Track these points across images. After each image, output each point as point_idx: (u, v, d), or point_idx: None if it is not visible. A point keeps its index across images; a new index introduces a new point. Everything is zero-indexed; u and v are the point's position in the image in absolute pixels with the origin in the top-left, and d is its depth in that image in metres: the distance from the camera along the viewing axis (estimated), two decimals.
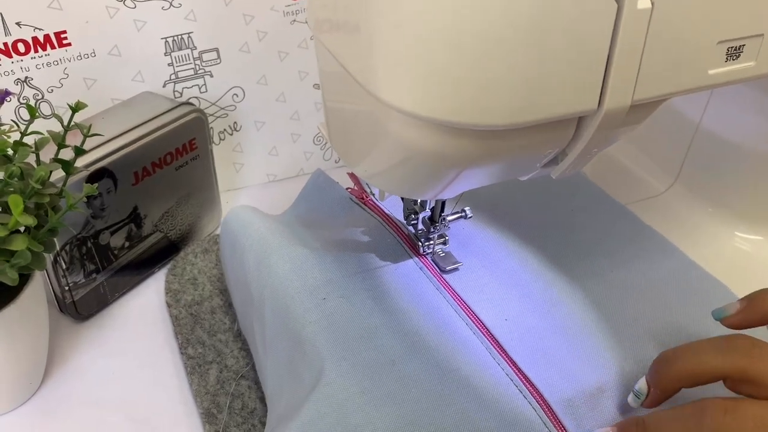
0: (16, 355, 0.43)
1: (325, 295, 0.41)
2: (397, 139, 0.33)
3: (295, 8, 0.60)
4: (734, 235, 0.55)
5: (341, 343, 0.39)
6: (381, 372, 0.38)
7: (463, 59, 0.27)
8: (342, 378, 0.37)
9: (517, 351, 0.39)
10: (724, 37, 0.31)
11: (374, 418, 0.35)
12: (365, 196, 0.51)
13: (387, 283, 0.44)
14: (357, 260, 0.45)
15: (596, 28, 0.27)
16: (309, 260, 0.44)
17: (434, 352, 0.39)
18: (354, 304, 0.41)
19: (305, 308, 0.41)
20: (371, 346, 0.39)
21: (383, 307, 0.42)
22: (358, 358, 0.38)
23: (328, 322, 0.40)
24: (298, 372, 0.40)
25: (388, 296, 0.43)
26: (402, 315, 0.41)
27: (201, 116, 0.55)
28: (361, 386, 0.37)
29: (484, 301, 0.43)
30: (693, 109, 0.53)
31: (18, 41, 0.52)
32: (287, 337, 0.41)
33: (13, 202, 0.35)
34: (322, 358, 0.38)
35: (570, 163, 0.33)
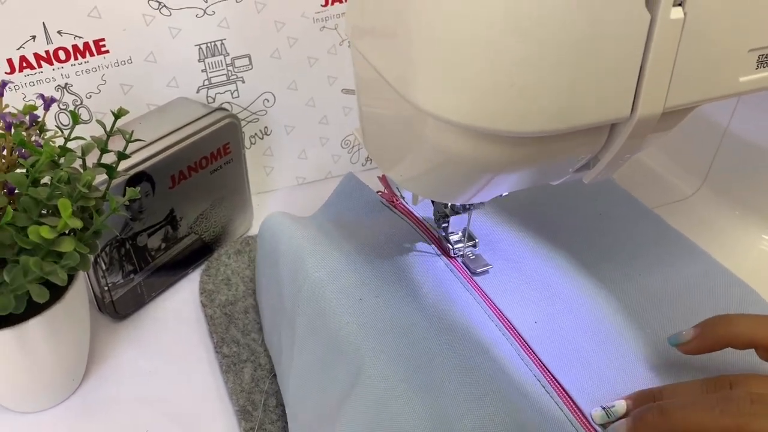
0: (61, 353, 0.45)
1: (360, 296, 0.42)
2: (432, 144, 0.34)
3: (324, 15, 0.61)
4: (761, 238, 0.55)
5: (379, 338, 0.40)
6: (419, 366, 0.38)
7: (500, 68, 0.28)
8: (382, 369, 0.38)
9: (546, 353, 0.40)
10: (754, 45, 0.31)
11: (415, 405, 0.36)
12: (395, 200, 0.52)
13: (419, 284, 0.45)
14: (390, 263, 0.46)
15: (630, 38, 0.28)
16: (343, 264, 0.45)
17: (467, 350, 0.40)
18: (389, 304, 0.42)
19: (341, 309, 0.42)
20: (408, 342, 0.40)
21: (417, 306, 0.43)
22: (396, 352, 0.39)
23: (365, 321, 0.41)
24: (332, 373, 0.41)
25: (421, 296, 0.44)
26: (435, 314, 0.42)
27: (235, 121, 0.56)
28: (401, 376, 0.38)
29: (513, 303, 0.43)
30: (721, 114, 0.53)
31: (59, 49, 0.54)
32: (322, 340, 0.42)
33: (63, 205, 0.36)
34: (361, 355, 0.39)
35: (602, 168, 0.34)
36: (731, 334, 0.36)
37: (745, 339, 0.36)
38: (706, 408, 0.33)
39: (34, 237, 0.36)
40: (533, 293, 0.44)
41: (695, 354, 0.38)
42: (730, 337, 0.36)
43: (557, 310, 0.43)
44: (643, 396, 0.37)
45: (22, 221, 0.38)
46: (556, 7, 0.27)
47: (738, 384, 0.34)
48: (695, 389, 0.35)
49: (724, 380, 0.35)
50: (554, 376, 0.39)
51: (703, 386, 0.35)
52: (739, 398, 0.32)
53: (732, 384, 0.34)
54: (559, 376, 0.39)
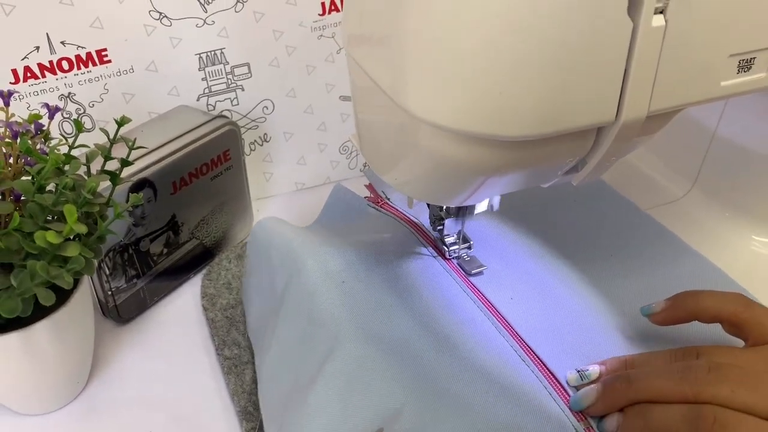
0: (66, 356, 0.46)
1: (344, 279, 0.45)
2: (425, 149, 0.35)
3: (322, 24, 0.63)
4: (751, 239, 0.56)
5: (359, 316, 0.42)
6: (396, 339, 0.41)
7: (489, 75, 0.29)
8: (357, 341, 0.41)
9: (525, 331, 0.42)
10: (735, 50, 0.33)
11: (390, 370, 0.39)
12: (380, 201, 0.53)
13: (409, 277, 0.46)
14: (384, 262, 0.47)
15: (614, 45, 0.29)
16: (335, 257, 0.47)
17: (446, 329, 0.42)
18: (373, 289, 0.44)
19: (327, 290, 0.44)
20: (386, 321, 0.42)
21: (400, 290, 0.45)
22: (374, 331, 0.41)
23: (347, 299, 0.43)
24: (312, 345, 0.43)
25: (407, 283, 0.46)
26: (418, 299, 0.44)
27: (234, 128, 0.57)
28: (376, 348, 0.40)
29: (507, 300, 0.45)
30: (709, 117, 0.54)
31: (62, 59, 0.55)
32: (304, 316, 0.44)
33: (68, 211, 0.38)
34: (339, 325, 0.41)
35: (590, 170, 0.35)
36: (698, 308, 0.39)
37: (710, 313, 0.39)
38: (668, 376, 0.35)
39: (40, 242, 0.37)
40: (527, 292, 0.45)
41: (664, 325, 0.40)
42: (698, 311, 0.39)
43: (549, 305, 0.44)
44: (616, 362, 0.39)
45: (29, 227, 0.39)
46: (542, 16, 0.28)
47: (703, 354, 0.37)
48: (664, 358, 0.38)
49: (692, 350, 0.37)
50: (531, 347, 0.41)
51: (671, 356, 0.38)
52: (699, 367, 0.35)
53: (698, 354, 0.37)
54: (536, 348, 0.41)
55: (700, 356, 0.37)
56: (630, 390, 0.36)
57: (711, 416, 0.33)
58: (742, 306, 0.38)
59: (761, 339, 0.37)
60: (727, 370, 0.34)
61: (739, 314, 0.38)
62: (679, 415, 0.33)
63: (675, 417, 0.34)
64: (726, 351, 0.37)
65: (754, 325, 0.37)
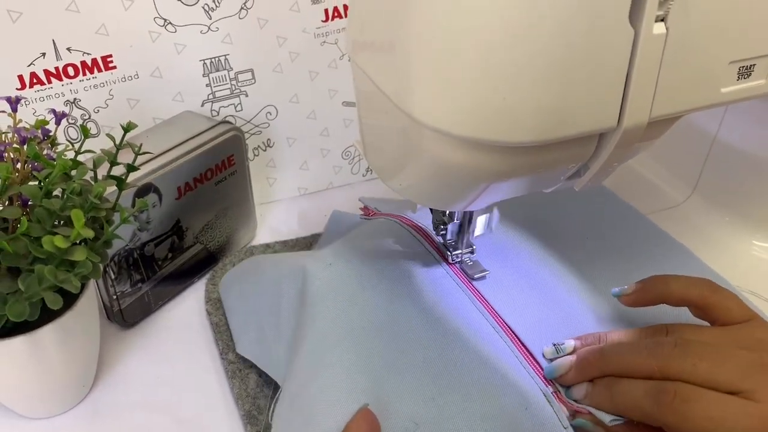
0: (72, 359, 0.46)
1: (332, 261, 0.47)
2: (429, 155, 0.35)
3: (325, 30, 0.63)
4: (752, 243, 0.56)
5: (361, 314, 0.44)
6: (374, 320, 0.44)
7: (492, 82, 0.30)
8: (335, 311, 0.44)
9: (535, 345, 0.43)
10: (735, 57, 0.33)
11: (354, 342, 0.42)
12: (371, 212, 0.54)
13: (412, 280, 0.47)
14: (389, 265, 0.48)
15: (615, 52, 0.30)
16: (339, 261, 0.47)
17: (449, 332, 0.43)
18: (377, 294, 0.45)
19: (334, 296, 0.46)
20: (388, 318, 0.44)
21: (402, 293, 0.46)
22: (376, 323, 0.43)
23: (349, 301, 0.45)
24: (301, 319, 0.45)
25: (410, 286, 0.47)
26: (420, 301, 0.45)
27: (239, 134, 0.58)
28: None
29: (508, 304, 0.45)
30: (709, 123, 0.55)
31: (68, 65, 0.56)
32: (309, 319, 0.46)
33: (76, 216, 0.38)
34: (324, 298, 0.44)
35: (592, 176, 0.36)
36: (666, 292, 0.41)
37: (677, 296, 0.40)
38: (637, 350, 0.37)
39: (48, 246, 0.38)
40: (530, 297, 0.46)
41: (634, 306, 0.42)
42: (666, 294, 0.41)
43: (550, 309, 0.45)
44: (590, 337, 0.41)
45: (36, 231, 0.39)
46: (544, 24, 0.28)
47: (672, 331, 0.39)
48: (635, 334, 0.40)
49: (662, 328, 0.39)
50: (527, 347, 0.43)
51: (643, 332, 0.40)
52: (666, 342, 0.37)
53: (668, 331, 0.39)
54: (531, 346, 0.43)
55: (669, 333, 0.39)
56: (601, 362, 0.38)
57: (672, 391, 0.34)
58: (709, 290, 0.40)
59: (727, 321, 0.39)
60: (692, 346, 0.36)
61: (706, 297, 0.40)
62: (643, 390, 0.35)
63: (638, 391, 0.36)
64: (693, 328, 0.39)
65: (721, 308, 0.39)
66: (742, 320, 0.39)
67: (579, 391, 0.39)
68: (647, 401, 0.35)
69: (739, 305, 0.39)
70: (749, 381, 0.34)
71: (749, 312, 0.39)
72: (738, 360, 0.35)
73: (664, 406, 0.34)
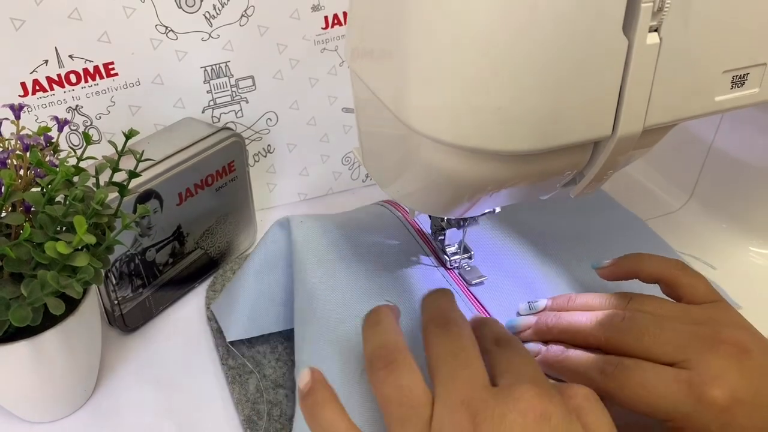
0: (74, 364, 0.47)
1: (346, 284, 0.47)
2: (426, 162, 0.36)
3: (324, 37, 0.64)
4: (748, 249, 0.57)
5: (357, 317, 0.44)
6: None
7: (488, 91, 0.30)
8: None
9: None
10: (728, 66, 0.34)
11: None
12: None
13: (409, 284, 0.47)
14: (388, 271, 0.48)
15: (609, 62, 0.30)
16: (342, 274, 0.47)
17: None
18: (373, 297, 0.46)
19: (331, 295, 0.46)
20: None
21: (400, 297, 0.47)
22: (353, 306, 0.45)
23: (346, 304, 0.46)
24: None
25: (407, 290, 0.47)
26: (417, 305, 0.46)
27: (239, 140, 0.58)
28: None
29: (505, 309, 0.46)
30: (706, 130, 0.55)
31: (70, 72, 0.56)
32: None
33: (78, 222, 0.38)
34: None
35: (587, 183, 0.36)
36: (639, 268, 0.43)
37: (648, 272, 0.43)
38: (588, 321, 0.40)
39: (50, 252, 0.38)
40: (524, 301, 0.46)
41: (608, 279, 0.45)
42: (638, 270, 0.43)
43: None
44: (561, 298, 0.44)
45: (39, 237, 0.40)
46: (539, 35, 0.29)
47: (634, 300, 0.41)
48: (600, 298, 0.42)
49: (626, 296, 0.41)
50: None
51: (607, 298, 0.42)
52: (615, 315, 0.39)
53: (631, 299, 0.41)
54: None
55: (630, 301, 0.40)
56: (556, 329, 0.41)
57: (615, 361, 0.37)
58: (679, 269, 0.42)
59: (692, 300, 0.41)
60: (638, 320, 0.38)
61: (675, 276, 0.42)
62: (592, 359, 0.38)
63: (588, 362, 0.38)
64: (654, 300, 0.41)
65: (688, 286, 0.41)
66: (706, 301, 0.41)
67: (533, 350, 0.41)
68: (593, 370, 0.37)
69: (706, 286, 0.41)
70: (684, 351, 0.36)
71: (715, 295, 0.41)
72: (679, 333, 0.37)
73: (607, 374, 0.37)
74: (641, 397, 0.35)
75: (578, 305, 0.43)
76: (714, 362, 0.35)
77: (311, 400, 0.35)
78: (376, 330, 0.37)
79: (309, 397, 0.35)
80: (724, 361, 0.35)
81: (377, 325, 0.38)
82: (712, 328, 0.37)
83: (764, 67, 0.35)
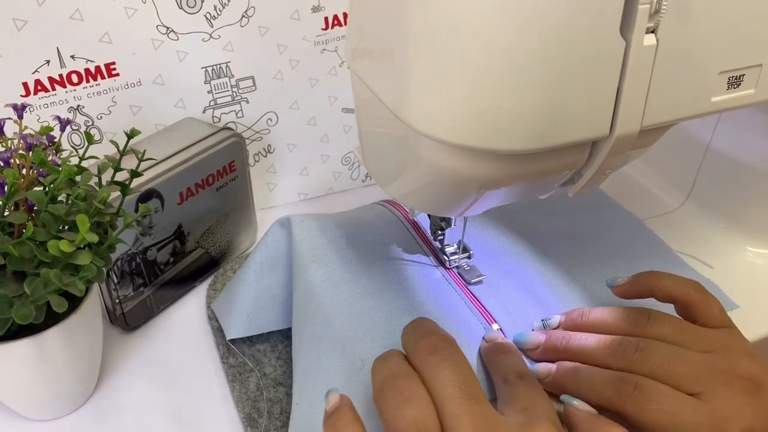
0: (76, 362, 0.47)
1: (345, 281, 0.47)
2: (427, 162, 0.36)
3: (325, 38, 0.64)
4: (746, 249, 0.57)
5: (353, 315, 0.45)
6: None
7: (487, 92, 0.31)
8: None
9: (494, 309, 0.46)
10: (724, 67, 0.34)
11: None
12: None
13: (408, 283, 0.47)
14: (387, 270, 0.48)
15: (607, 63, 0.31)
16: (341, 273, 0.48)
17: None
18: (373, 295, 0.46)
19: (329, 295, 0.46)
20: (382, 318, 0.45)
21: (398, 295, 0.47)
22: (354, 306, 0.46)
23: (345, 302, 0.46)
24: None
25: (406, 289, 0.47)
26: (417, 303, 0.46)
27: (240, 140, 0.58)
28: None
29: (504, 307, 0.46)
30: (703, 131, 0.56)
31: (72, 72, 0.57)
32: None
33: (81, 221, 0.39)
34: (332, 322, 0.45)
35: (585, 182, 0.37)
36: (655, 287, 0.43)
37: (664, 292, 0.42)
38: (600, 350, 0.39)
39: (53, 251, 0.39)
40: (524, 302, 0.47)
41: (624, 297, 0.44)
42: (654, 289, 0.43)
43: (543, 314, 0.46)
44: (575, 312, 0.43)
45: (42, 236, 0.40)
46: (537, 36, 0.29)
47: (653, 320, 0.40)
48: (617, 314, 0.42)
49: (645, 311, 0.41)
50: (503, 330, 0.45)
51: (625, 312, 0.41)
52: (629, 345, 0.38)
53: (649, 316, 0.40)
54: (509, 333, 0.45)
55: (650, 320, 0.40)
56: (565, 353, 0.40)
57: (634, 382, 0.36)
58: (695, 290, 0.42)
59: (706, 323, 0.41)
60: (652, 351, 0.38)
61: (691, 297, 0.41)
62: (607, 377, 0.37)
63: (603, 378, 0.37)
64: (672, 321, 0.40)
65: (703, 309, 0.41)
66: (720, 326, 0.41)
67: (543, 370, 0.41)
68: (609, 389, 0.37)
69: (720, 311, 0.41)
70: (700, 384, 0.36)
71: (728, 320, 0.41)
72: (694, 365, 0.37)
73: (625, 395, 0.36)
74: (661, 424, 0.35)
75: (592, 321, 0.42)
76: (732, 398, 0.36)
77: (335, 417, 0.35)
78: (385, 362, 0.38)
79: (333, 415, 0.35)
80: (740, 397, 0.36)
81: (386, 360, 0.38)
82: (728, 361, 0.37)
83: (760, 68, 0.35)
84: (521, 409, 0.35)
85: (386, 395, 0.35)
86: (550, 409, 0.35)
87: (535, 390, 0.37)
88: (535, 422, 0.33)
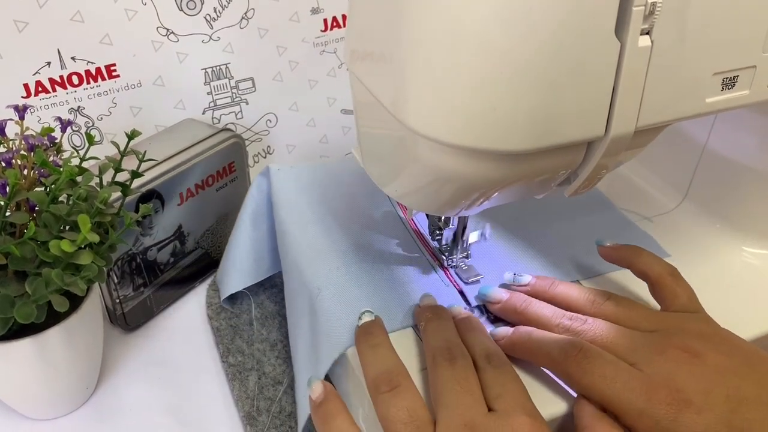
0: (77, 361, 0.47)
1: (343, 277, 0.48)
2: (425, 163, 0.36)
3: (324, 40, 0.64)
4: (742, 250, 0.57)
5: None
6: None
7: (486, 93, 0.31)
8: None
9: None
10: (718, 69, 0.34)
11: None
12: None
13: (406, 282, 0.48)
14: (381, 265, 0.49)
15: (602, 64, 0.31)
16: (334, 260, 0.49)
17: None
18: (369, 293, 0.47)
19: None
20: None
21: (395, 293, 0.47)
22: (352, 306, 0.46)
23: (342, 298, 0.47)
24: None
25: (404, 287, 0.48)
26: (414, 302, 0.47)
27: (239, 142, 0.59)
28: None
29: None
30: (699, 131, 0.56)
31: (72, 74, 0.57)
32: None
33: (82, 221, 0.39)
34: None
35: (581, 183, 0.37)
36: (634, 259, 0.44)
37: (640, 268, 0.44)
38: (554, 315, 0.41)
39: (55, 250, 0.39)
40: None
41: (605, 259, 0.47)
42: (631, 262, 0.45)
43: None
44: (545, 279, 0.45)
45: (43, 236, 0.40)
46: (534, 37, 0.30)
47: (610, 300, 0.42)
48: (579, 291, 0.43)
49: (604, 294, 0.43)
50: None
51: (586, 294, 0.43)
52: (577, 319, 0.40)
53: (608, 298, 0.42)
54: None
55: (607, 300, 0.42)
56: (522, 314, 0.42)
57: (579, 346, 0.38)
58: (669, 273, 0.43)
59: (672, 305, 0.42)
60: (597, 327, 0.40)
61: (662, 279, 0.43)
62: (556, 340, 0.39)
63: (552, 341, 0.39)
64: (629, 303, 0.42)
65: (670, 292, 0.42)
66: (686, 310, 0.41)
67: (502, 333, 0.42)
68: (557, 351, 0.38)
69: (688, 296, 0.42)
70: (636, 355, 0.37)
71: (696, 306, 0.42)
72: (632, 339, 0.39)
73: (570, 357, 0.37)
74: (601, 388, 0.36)
75: (557, 293, 0.44)
76: (663, 365, 0.36)
77: (323, 409, 0.38)
78: (376, 354, 0.40)
79: (321, 407, 0.38)
80: (672, 364, 0.36)
81: (376, 348, 0.40)
82: (670, 337, 0.38)
83: (754, 69, 0.35)
84: (495, 396, 0.36)
85: (380, 386, 0.37)
86: (523, 395, 0.37)
87: (505, 375, 0.38)
88: (510, 414, 0.35)
